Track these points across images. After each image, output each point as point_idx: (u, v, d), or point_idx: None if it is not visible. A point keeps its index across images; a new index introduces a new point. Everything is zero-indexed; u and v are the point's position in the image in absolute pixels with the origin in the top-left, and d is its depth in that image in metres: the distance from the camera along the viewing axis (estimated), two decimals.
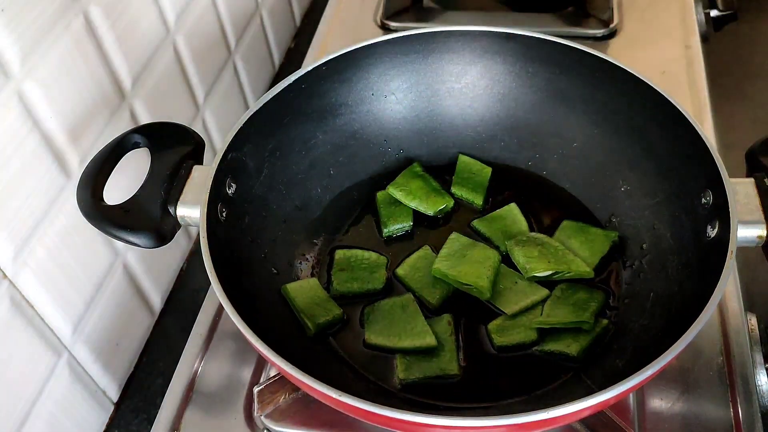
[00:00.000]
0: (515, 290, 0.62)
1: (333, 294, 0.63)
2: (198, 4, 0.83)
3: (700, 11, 0.97)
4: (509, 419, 0.43)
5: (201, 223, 0.54)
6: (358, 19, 0.99)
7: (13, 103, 0.55)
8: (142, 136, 0.60)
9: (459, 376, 0.58)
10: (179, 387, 0.63)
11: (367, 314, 0.62)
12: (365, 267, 0.65)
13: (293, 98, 0.65)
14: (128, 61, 0.69)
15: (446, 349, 0.59)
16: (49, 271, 0.61)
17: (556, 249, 0.64)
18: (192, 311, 0.68)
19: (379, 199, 0.70)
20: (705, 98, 0.84)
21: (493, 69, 0.70)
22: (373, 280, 0.64)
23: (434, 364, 0.58)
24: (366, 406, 0.44)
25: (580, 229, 0.66)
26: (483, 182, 0.71)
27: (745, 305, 0.65)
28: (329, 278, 0.65)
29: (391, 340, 0.60)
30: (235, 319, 0.48)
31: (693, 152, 0.57)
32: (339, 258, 0.66)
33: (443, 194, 0.70)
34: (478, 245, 0.64)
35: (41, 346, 0.61)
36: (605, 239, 0.65)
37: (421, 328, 0.60)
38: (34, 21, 0.57)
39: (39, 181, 0.59)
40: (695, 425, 0.57)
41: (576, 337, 0.59)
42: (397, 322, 0.60)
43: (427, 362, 0.58)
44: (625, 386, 0.44)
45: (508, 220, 0.68)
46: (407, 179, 0.70)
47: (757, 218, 0.53)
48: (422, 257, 0.66)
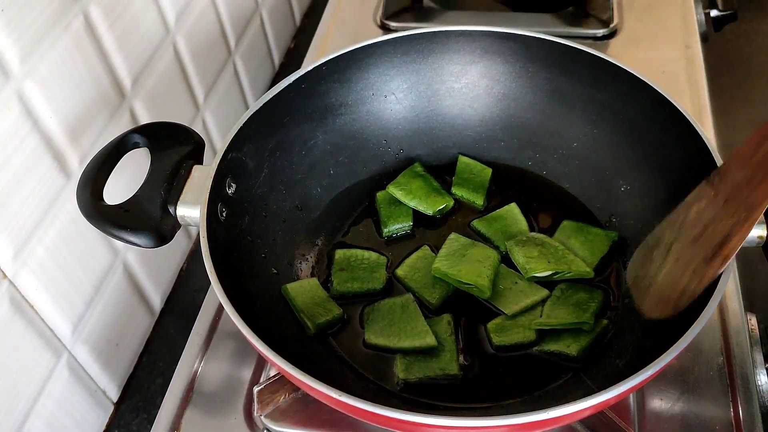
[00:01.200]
0: (515, 290, 0.62)
1: (333, 294, 0.63)
2: (198, 4, 0.83)
3: (700, 11, 0.97)
4: (509, 419, 0.43)
5: (201, 223, 0.54)
6: (358, 19, 0.99)
7: (13, 103, 0.55)
8: (141, 136, 0.60)
9: (459, 376, 0.58)
10: (179, 387, 0.63)
11: (367, 314, 0.62)
12: (365, 267, 0.65)
13: (293, 98, 0.65)
14: (128, 61, 0.69)
15: (446, 350, 0.59)
16: (49, 271, 0.61)
17: (556, 249, 0.64)
18: (192, 311, 0.68)
19: (379, 199, 0.70)
20: (705, 98, 0.84)
21: (493, 69, 0.70)
22: (373, 279, 0.64)
23: (434, 364, 0.58)
24: (366, 406, 0.44)
25: (580, 229, 0.66)
26: (483, 183, 0.71)
27: (745, 305, 0.65)
28: (329, 278, 0.65)
29: (391, 340, 0.60)
30: (235, 319, 0.48)
31: (693, 152, 0.58)
32: (339, 258, 0.66)
33: (443, 194, 0.70)
34: (478, 245, 0.64)
35: (41, 346, 0.61)
36: (605, 239, 0.65)
37: (421, 328, 0.60)
38: (34, 21, 0.57)
39: (39, 181, 0.59)
40: (695, 425, 0.57)
41: (576, 337, 0.59)
42: (397, 322, 0.60)
43: (427, 362, 0.58)
44: (625, 386, 0.44)
45: (509, 220, 0.68)
46: (408, 179, 0.70)
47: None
48: (422, 257, 0.66)
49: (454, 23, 0.71)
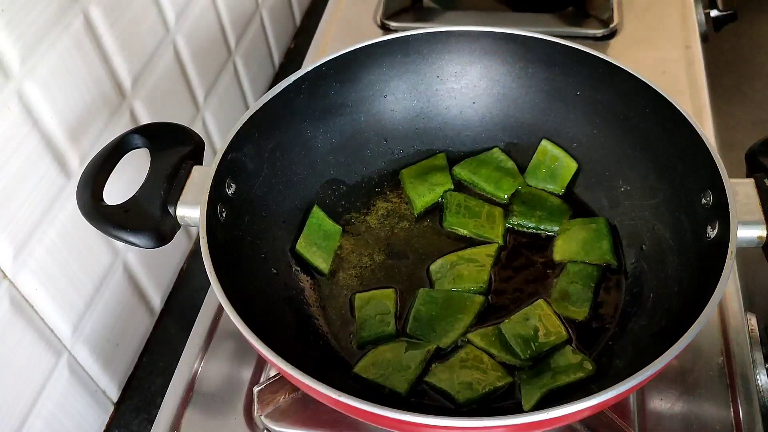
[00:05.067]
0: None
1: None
2: (198, 4, 0.83)
3: (700, 11, 0.97)
4: (509, 419, 0.43)
5: (201, 223, 0.54)
6: (358, 19, 0.99)
7: (13, 103, 0.55)
8: (141, 136, 0.60)
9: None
10: (179, 387, 0.63)
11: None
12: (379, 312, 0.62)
13: (293, 98, 0.65)
14: (128, 61, 0.69)
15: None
16: (49, 271, 0.61)
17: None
18: (192, 311, 0.68)
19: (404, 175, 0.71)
20: (705, 98, 0.84)
21: (492, 69, 0.70)
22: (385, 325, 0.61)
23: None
24: (365, 406, 0.44)
25: (581, 228, 0.66)
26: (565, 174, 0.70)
27: (745, 305, 0.65)
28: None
29: (380, 378, 0.57)
30: (234, 319, 0.48)
31: (693, 152, 0.57)
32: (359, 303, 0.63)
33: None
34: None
35: (41, 346, 0.61)
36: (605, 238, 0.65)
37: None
38: (34, 21, 0.57)
39: (39, 181, 0.59)
40: (695, 425, 0.57)
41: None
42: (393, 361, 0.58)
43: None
44: (625, 386, 0.44)
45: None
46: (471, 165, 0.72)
47: (757, 219, 0.53)
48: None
49: (454, 23, 0.71)
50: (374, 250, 0.67)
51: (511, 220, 0.68)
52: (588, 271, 0.63)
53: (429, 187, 0.70)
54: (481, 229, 0.67)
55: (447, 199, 0.69)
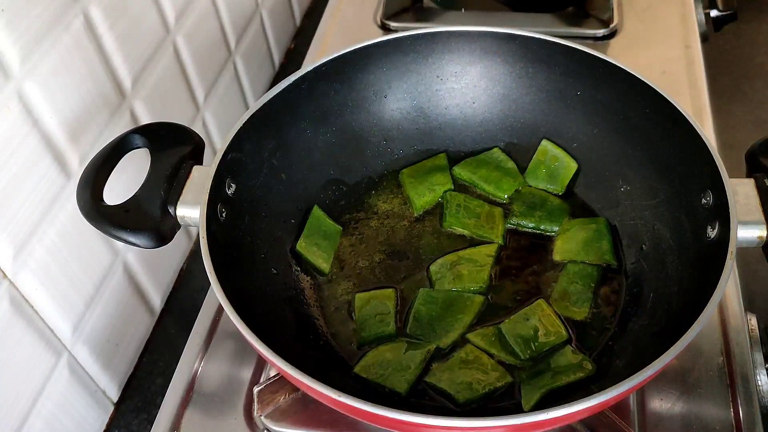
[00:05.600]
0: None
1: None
2: (198, 4, 0.83)
3: (700, 11, 0.97)
4: (509, 419, 0.43)
5: (201, 223, 0.54)
6: (358, 19, 0.99)
7: (13, 103, 0.55)
8: (141, 136, 0.60)
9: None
10: (179, 387, 0.63)
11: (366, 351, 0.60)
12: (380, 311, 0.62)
13: (293, 98, 0.65)
14: (128, 61, 0.69)
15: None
16: (49, 271, 0.61)
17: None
18: (192, 311, 0.68)
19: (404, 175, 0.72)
20: (705, 98, 0.84)
21: (492, 69, 0.70)
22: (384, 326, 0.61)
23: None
24: (365, 406, 0.44)
25: (581, 228, 0.66)
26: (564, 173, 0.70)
27: (745, 305, 0.65)
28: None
29: (380, 378, 0.57)
30: (234, 319, 0.48)
31: (693, 152, 0.57)
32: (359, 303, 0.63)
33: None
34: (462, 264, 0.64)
35: (41, 346, 0.61)
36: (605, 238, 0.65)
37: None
38: (34, 21, 0.57)
39: (39, 181, 0.59)
40: (695, 425, 0.57)
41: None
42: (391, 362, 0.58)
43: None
44: (625, 387, 0.44)
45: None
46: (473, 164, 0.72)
47: (757, 219, 0.53)
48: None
49: (454, 23, 0.71)
50: (374, 250, 0.67)
51: (511, 220, 0.68)
52: (588, 271, 0.63)
53: (429, 187, 0.70)
54: (481, 229, 0.67)
55: (447, 199, 0.69)
